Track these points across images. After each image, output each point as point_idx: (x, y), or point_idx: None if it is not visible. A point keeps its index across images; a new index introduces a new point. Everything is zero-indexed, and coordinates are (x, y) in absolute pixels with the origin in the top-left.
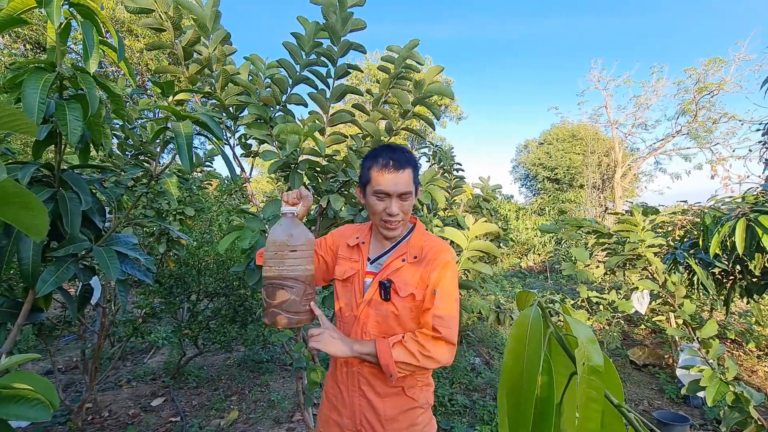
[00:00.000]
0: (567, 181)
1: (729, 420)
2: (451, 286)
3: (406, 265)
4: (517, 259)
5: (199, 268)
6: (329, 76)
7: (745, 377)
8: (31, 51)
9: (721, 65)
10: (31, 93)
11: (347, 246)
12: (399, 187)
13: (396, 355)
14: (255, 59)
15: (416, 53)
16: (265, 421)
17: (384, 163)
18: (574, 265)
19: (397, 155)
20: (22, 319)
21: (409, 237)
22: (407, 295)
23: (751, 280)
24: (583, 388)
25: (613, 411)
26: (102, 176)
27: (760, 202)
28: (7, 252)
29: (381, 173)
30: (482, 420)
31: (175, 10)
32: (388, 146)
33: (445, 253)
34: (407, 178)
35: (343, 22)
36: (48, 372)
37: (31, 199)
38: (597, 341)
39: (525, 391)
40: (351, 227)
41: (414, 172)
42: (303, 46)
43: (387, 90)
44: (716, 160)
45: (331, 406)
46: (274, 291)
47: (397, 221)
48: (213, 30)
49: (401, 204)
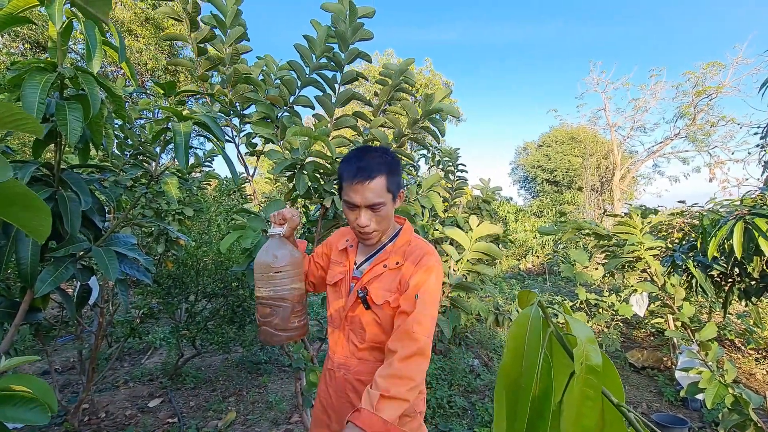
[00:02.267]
0: (566, 184)
1: (728, 422)
2: (434, 292)
3: (386, 271)
4: (516, 261)
5: (198, 269)
6: (335, 81)
7: (743, 380)
8: (30, 50)
9: (719, 69)
10: (31, 93)
11: (338, 250)
12: (367, 198)
13: (388, 416)
14: (269, 60)
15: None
16: (263, 423)
17: (351, 174)
18: (572, 267)
19: (365, 163)
20: (20, 319)
21: (394, 240)
22: (382, 303)
23: (749, 283)
24: (580, 386)
25: (614, 411)
26: (101, 176)
27: (758, 205)
28: (6, 252)
29: (349, 183)
30: (481, 422)
31: (193, 6)
32: (360, 151)
33: (429, 257)
34: (378, 187)
35: (353, 30)
36: (45, 372)
37: (36, 201)
38: (596, 341)
39: (522, 388)
40: (344, 230)
41: (389, 177)
42: (314, 49)
43: (386, 98)
44: (714, 163)
45: (322, 408)
46: (264, 310)
47: (369, 232)
48: (231, 26)
49: (372, 214)
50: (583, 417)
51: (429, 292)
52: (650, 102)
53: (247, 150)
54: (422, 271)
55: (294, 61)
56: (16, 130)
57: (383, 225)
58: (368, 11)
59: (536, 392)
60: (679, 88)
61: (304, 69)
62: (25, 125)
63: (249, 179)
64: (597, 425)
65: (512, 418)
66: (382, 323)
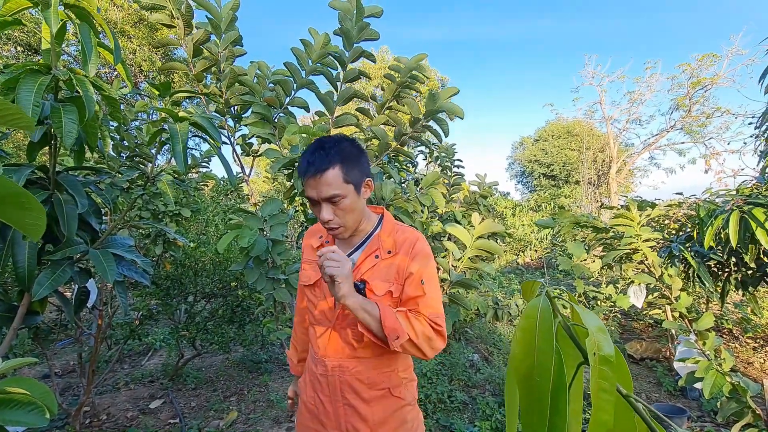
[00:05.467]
0: (563, 178)
1: (726, 410)
2: (435, 275)
3: (380, 261)
4: (514, 255)
5: (196, 269)
6: (338, 79)
7: (741, 369)
8: (22, 53)
9: (714, 60)
10: (26, 95)
11: (312, 249)
12: (322, 191)
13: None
14: (262, 65)
15: (423, 66)
16: (264, 421)
17: (304, 170)
18: (570, 259)
19: (316, 156)
20: (18, 323)
21: (378, 230)
22: (384, 294)
23: (746, 272)
24: (595, 378)
25: (622, 401)
26: (97, 178)
27: (754, 195)
28: (3, 255)
29: (304, 179)
30: (482, 416)
31: (186, 8)
32: (314, 143)
33: (421, 243)
34: (332, 179)
35: (359, 29)
36: (45, 376)
37: (29, 199)
38: (607, 331)
39: (538, 382)
40: (315, 227)
41: (345, 167)
42: (310, 54)
43: (392, 96)
44: (710, 154)
45: (312, 417)
46: None
47: (335, 227)
48: (226, 30)
49: (333, 208)
50: (600, 411)
51: (433, 276)
52: (646, 94)
53: (242, 151)
54: (420, 257)
55: (290, 63)
56: (9, 127)
57: (349, 218)
58: (375, 11)
59: (551, 386)
60: (675, 80)
61: (300, 72)
62: (18, 122)
63: (246, 179)
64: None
65: (528, 414)
66: None
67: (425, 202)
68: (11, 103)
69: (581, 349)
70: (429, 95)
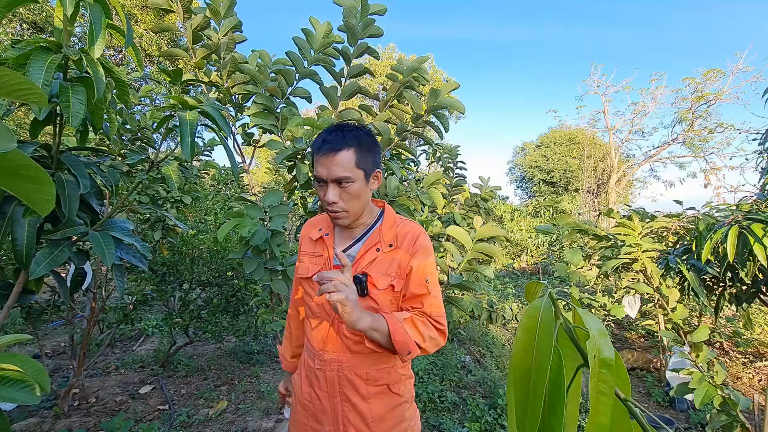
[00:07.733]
0: (563, 185)
1: (716, 423)
2: (435, 273)
3: (381, 254)
4: (510, 260)
5: (193, 257)
6: (342, 74)
7: (730, 383)
8: (27, 31)
9: (719, 76)
10: (37, 72)
11: (310, 240)
12: (333, 171)
13: (411, 333)
14: (263, 54)
15: (423, 68)
16: (254, 412)
17: (318, 146)
18: (567, 267)
19: (334, 135)
20: (13, 300)
21: (379, 223)
22: (386, 287)
23: (741, 287)
24: (594, 381)
25: (619, 405)
26: (99, 160)
27: (754, 211)
28: (1, 232)
29: (317, 157)
30: (472, 417)
31: None
32: (333, 126)
33: (423, 237)
34: (344, 161)
35: (364, 26)
36: (35, 356)
37: (39, 173)
38: (608, 335)
39: (534, 382)
40: (314, 219)
41: (360, 152)
42: (312, 44)
43: (395, 95)
44: (710, 169)
45: (307, 414)
46: None
47: (338, 210)
48: (226, 16)
49: (340, 191)
50: (598, 414)
51: (434, 273)
52: (649, 106)
53: (243, 141)
54: (421, 252)
55: (292, 52)
56: (22, 101)
57: (353, 205)
58: (380, 8)
59: (548, 385)
60: (679, 93)
61: (303, 61)
62: (30, 96)
63: (246, 170)
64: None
65: (523, 413)
66: (381, 308)
67: (425, 201)
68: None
69: (581, 352)
70: (431, 91)
